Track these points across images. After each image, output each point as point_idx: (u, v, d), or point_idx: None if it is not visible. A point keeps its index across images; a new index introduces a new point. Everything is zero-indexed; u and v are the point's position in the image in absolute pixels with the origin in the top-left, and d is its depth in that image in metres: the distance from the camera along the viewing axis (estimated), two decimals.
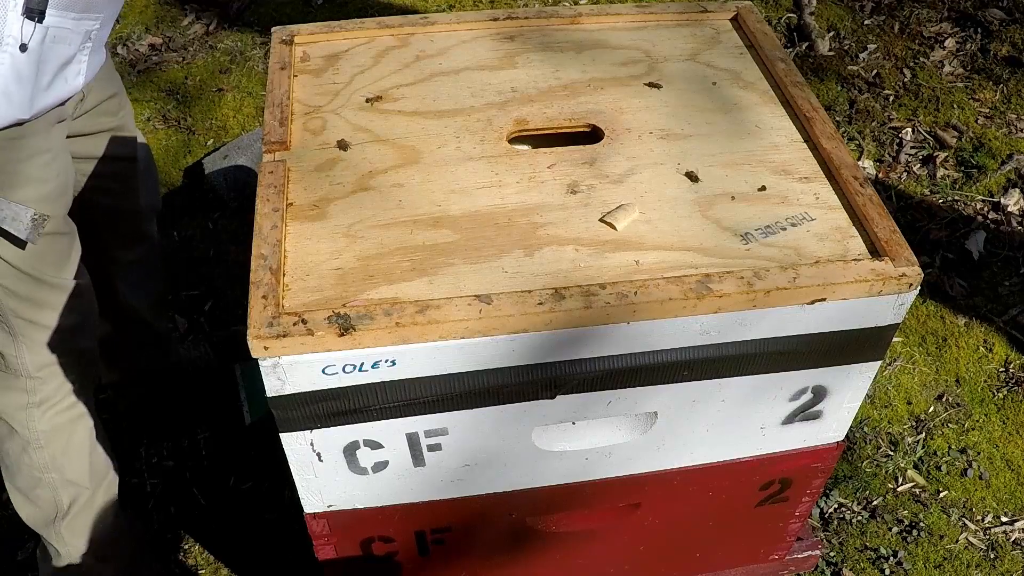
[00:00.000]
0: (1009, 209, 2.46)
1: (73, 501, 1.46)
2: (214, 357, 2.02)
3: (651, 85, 1.27)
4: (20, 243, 1.23)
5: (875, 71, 2.90)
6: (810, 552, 1.54)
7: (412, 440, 1.08)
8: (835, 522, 1.84)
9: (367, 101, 1.24)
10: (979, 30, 3.02)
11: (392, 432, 1.06)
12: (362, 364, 0.97)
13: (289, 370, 0.95)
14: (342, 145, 1.16)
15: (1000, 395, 2.06)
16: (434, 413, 1.05)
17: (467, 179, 1.13)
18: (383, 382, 0.99)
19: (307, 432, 1.04)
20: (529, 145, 1.23)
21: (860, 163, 2.58)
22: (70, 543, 1.50)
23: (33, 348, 1.32)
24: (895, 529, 1.83)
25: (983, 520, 1.85)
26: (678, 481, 1.25)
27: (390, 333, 0.94)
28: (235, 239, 2.36)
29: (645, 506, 1.29)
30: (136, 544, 1.66)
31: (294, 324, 0.93)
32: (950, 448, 1.97)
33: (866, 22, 3.10)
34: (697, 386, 1.10)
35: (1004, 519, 1.85)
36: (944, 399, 2.06)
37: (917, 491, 1.89)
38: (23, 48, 1.11)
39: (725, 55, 1.35)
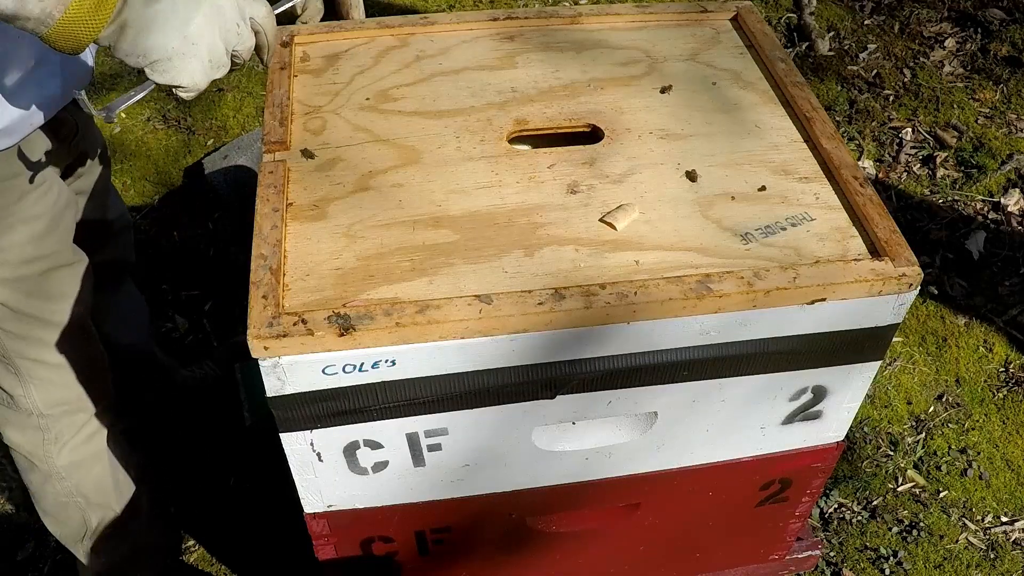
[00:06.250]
0: (1009, 209, 2.46)
1: (100, 520, 1.44)
2: (218, 369, 1.97)
3: (662, 91, 1.27)
4: (13, 284, 1.17)
5: (875, 71, 2.90)
6: (810, 552, 1.53)
7: (412, 440, 1.08)
8: (835, 522, 1.84)
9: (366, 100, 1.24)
10: (979, 30, 3.02)
11: (392, 432, 1.06)
12: (362, 364, 0.97)
13: (289, 370, 0.95)
14: (307, 154, 1.15)
15: (1000, 395, 2.06)
16: (434, 413, 1.05)
17: (467, 179, 1.13)
18: (383, 382, 0.99)
19: (307, 432, 1.04)
20: (529, 145, 1.23)
21: (860, 163, 2.58)
22: (99, 558, 1.49)
23: (42, 387, 1.27)
24: (895, 529, 1.83)
25: (983, 520, 1.85)
26: (678, 481, 1.25)
27: (390, 333, 0.94)
28: (235, 239, 2.36)
29: (645, 506, 1.29)
30: (166, 554, 1.64)
31: (294, 324, 0.93)
32: (950, 448, 1.97)
33: (866, 22, 3.10)
34: (697, 386, 1.10)
35: (1004, 519, 1.85)
36: (944, 399, 2.06)
37: (917, 491, 1.89)
38: None
39: (725, 55, 1.35)
